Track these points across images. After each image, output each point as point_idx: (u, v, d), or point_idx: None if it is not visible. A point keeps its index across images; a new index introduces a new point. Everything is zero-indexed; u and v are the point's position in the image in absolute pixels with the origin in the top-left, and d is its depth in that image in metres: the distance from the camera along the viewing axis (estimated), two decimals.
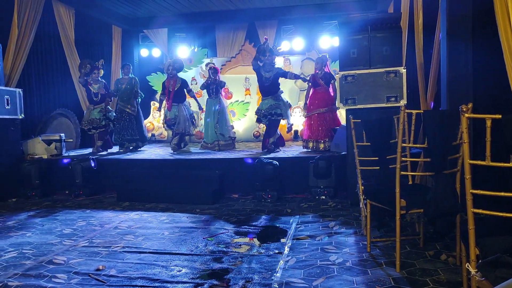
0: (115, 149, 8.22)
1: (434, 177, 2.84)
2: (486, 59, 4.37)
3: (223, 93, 8.67)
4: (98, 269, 3.30)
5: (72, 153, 7.62)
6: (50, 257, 3.62)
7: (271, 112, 7.06)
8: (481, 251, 2.02)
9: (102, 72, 7.93)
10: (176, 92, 7.63)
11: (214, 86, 7.87)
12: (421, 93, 5.40)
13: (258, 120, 7.37)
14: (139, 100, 8.17)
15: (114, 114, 8.05)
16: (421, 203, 2.97)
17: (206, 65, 9.97)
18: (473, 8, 4.41)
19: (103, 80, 7.97)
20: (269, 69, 7.14)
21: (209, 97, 7.97)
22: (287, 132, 8.33)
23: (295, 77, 7.43)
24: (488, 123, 1.93)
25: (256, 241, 4.02)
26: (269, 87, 7.17)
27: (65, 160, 6.73)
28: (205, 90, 8.21)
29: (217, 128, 7.78)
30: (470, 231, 2.04)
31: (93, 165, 6.49)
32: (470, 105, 2.28)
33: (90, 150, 8.10)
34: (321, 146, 6.92)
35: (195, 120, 8.10)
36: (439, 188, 2.78)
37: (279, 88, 7.26)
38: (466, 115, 2.02)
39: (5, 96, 6.25)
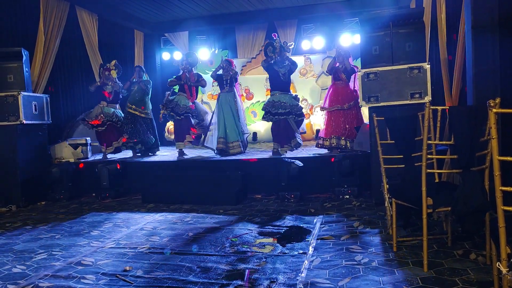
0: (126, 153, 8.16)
1: (461, 174, 2.78)
2: None
3: (239, 89, 7.75)
4: (125, 270, 3.36)
5: (98, 157, 7.77)
6: (78, 258, 3.70)
7: (297, 112, 6.63)
8: None
9: (114, 73, 7.73)
10: (196, 87, 7.52)
11: (228, 78, 7.23)
12: (446, 89, 5.29)
13: (281, 114, 6.52)
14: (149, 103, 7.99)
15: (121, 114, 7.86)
16: (448, 201, 2.90)
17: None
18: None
19: (119, 82, 7.84)
20: (281, 65, 6.78)
21: (221, 91, 7.31)
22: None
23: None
24: None
25: (280, 241, 4.00)
26: (286, 84, 6.82)
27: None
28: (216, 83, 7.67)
29: (236, 125, 7.11)
30: (500, 229, 1.99)
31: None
32: (498, 100, 2.22)
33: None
34: (342, 142, 6.53)
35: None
36: (467, 186, 2.72)
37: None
38: (494, 110, 1.97)
39: (33, 102, 6.42)
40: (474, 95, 4.39)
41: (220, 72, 7.41)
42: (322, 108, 7.07)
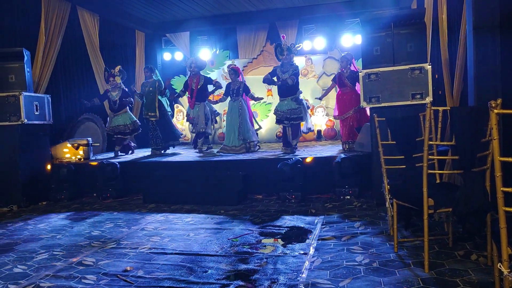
0: (137, 153, 8.29)
1: (462, 175, 2.78)
2: None
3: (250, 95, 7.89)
4: (126, 270, 3.36)
5: (99, 157, 7.77)
6: (79, 258, 3.70)
7: (293, 116, 6.84)
8: None
9: (119, 79, 7.90)
10: (199, 90, 7.63)
11: (235, 88, 7.56)
12: (447, 90, 5.29)
13: (278, 122, 7.11)
14: (167, 101, 8.20)
15: (137, 121, 8.19)
16: (449, 202, 2.90)
17: (228, 66, 10.02)
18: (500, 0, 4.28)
19: (122, 86, 7.98)
20: (286, 69, 6.84)
21: (231, 99, 7.64)
22: (305, 134, 7.99)
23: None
24: None
25: (281, 242, 4.01)
26: (287, 88, 6.86)
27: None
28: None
29: (239, 132, 7.43)
30: (501, 230, 1.99)
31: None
32: (499, 101, 2.22)
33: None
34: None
35: (215, 120, 8.06)
36: (468, 186, 2.72)
37: (298, 88, 6.97)
38: (496, 111, 1.97)
39: (35, 103, 6.42)
40: (475, 96, 4.39)
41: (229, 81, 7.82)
42: (336, 117, 7.42)
